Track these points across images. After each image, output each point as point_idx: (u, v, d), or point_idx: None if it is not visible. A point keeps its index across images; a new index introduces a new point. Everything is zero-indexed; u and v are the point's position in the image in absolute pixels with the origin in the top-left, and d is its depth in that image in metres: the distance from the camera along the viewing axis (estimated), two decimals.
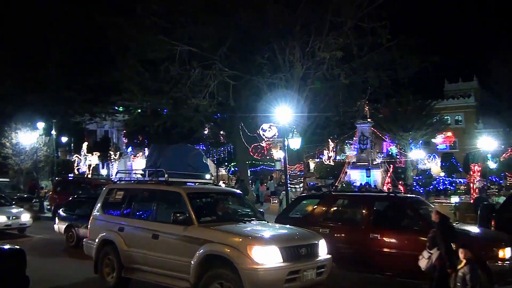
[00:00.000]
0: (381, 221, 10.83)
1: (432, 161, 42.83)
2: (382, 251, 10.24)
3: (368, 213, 10.95)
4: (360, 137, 35.35)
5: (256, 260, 7.70)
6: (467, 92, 65.67)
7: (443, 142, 59.91)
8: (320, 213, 11.60)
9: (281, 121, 21.07)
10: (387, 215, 11.23)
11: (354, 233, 10.82)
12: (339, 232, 10.95)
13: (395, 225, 10.71)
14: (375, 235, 10.37)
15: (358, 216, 11.53)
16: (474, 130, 61.32)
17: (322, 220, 11.29)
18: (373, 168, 34.22)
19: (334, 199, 12.33)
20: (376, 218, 10.83)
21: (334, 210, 11.84)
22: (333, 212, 11.77)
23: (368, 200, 11.61)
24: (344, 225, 11.35)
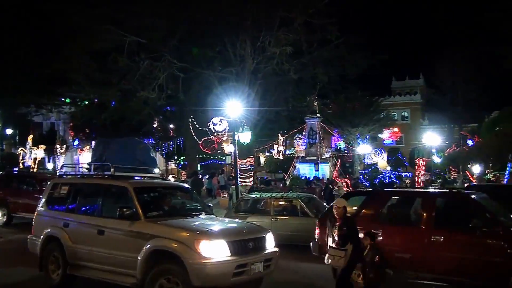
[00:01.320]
0: (444, 221, 9.61)
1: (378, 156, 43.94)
2: (447, 254, 9.12)
3: (428, 212, 9.79)
4: (309, 132, 35.84)
5: (204, 255, 7.68)
6: (414, 90, 67.80)
7: (389, 137, 61.63)
8: (370, 211, 10.54)
9: (231, 115, 21.07)
10: (450, 214, 10.05)
11: (412, 235, 9.75)
12: (394, 234, 9.94)
13: (460, 225, 9.53)
14: (438, 236, 9.30)
15: (416, 215, 10.44)
16: (419, 126, 63.40)
17: (373, 220, 10.25)
18: (321, 163, 34.78)
19: (387, 196, 11.22)
20: (438, 218, 9.65)
21: (387, 209, 10.75)
22: (385, 211, 10.69)
23: (429, 197, 10.40)
24: (399, 225, 10.32)
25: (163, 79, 27.64)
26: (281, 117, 38.76)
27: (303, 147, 37.06)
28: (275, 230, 9.96)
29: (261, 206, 15.46)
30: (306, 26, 27.92)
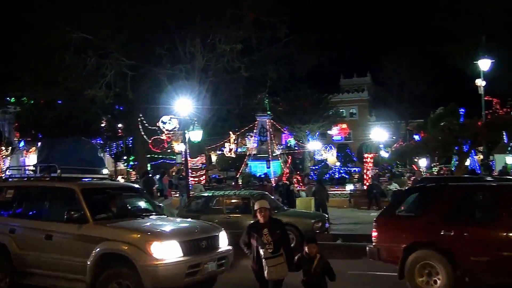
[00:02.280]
0: None
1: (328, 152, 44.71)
2: None
3: None
4: (260, 130, 36.00)
5: (155, 256, 7.56)
6: (361, 87, 69.20)
7: (338, 134, 62.64)
8: (439, 209, 9.21)
9: (181, 114, 20.83)
10: None
11: (497, 234, 8.52)
12: (472, 234, 8.62)
13: None
14: None
15: (499, 212, 8.88)
16: (367, 122, 64.71)
17: (444, 218, 8.98)
18: (272, 160, 34.98)
19: (458, 191, 9.68)
20: None
21: (459, 205, 9.40)
22: (458, 208, 9.33)
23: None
24: (478, 224, 8.93)
25: (111, 77, 26.97)
26: (232, 115, 38.74)
27: (255, 144, 37.17)
28: (228, 229, 9.89)
29: (214, 205, 15.35)
30: (256, 24, 27.96)
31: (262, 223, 7.05)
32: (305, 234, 13.72)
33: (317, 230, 14.05)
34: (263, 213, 7.09)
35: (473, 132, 21.95)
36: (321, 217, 14.96)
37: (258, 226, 7.07)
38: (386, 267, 11.25)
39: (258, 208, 7.12)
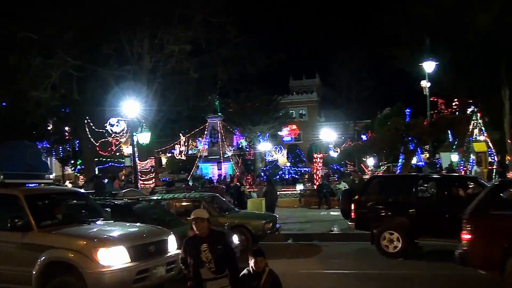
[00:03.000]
0: None
1: (279, 153, 45.03)
2: None
3: None
4: (211, 131, 35.83)
5: (102, 263, 7.39)
6: (310, 88, 70.02)
7: (288, 135, 63.23)
8: None
9: (129, 115, 20.48)
10: None
11: None
12: None
13: None
14: None
15: None
16: (316, 123, 65.58)
17: None
18: (224, 161, 34.89)
19: None
20: None
21: None
22: None
23: None
24: None
25: (57, 77, 26.20)
26: (182, 117, 38.30)
27: (205, 146, 36.97)
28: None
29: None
30: (205, 24, 27.82)
31: (201, 237, 5.81)
32: (257, 235, 13.78)
33: (268, 231, 14.11)
34: (199, 224, 5.80)
35: (418, 132, 22.64)
36: (272, 218, 15.01)
37: (196, 241, 5.84)
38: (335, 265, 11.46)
39: (193, 219, 5.83)
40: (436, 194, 12.63)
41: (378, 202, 12.96)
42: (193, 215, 5.88)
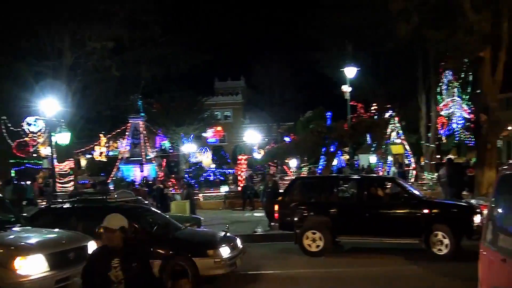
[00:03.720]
0: None
1: (203, 154, 44.70)
2: None
3: None
4: (133, 132, 34.91)
5: (20, 273, 6.98)
6: (235, 90, 70.35)
7: (213, 136, 63.02)
8: None
9: (48, 114, 19.56)
10: None
11: None
12: None
13: None
14: None
15: None
16: (241, 125, 65.98)
17: None
18: (146, 163, 34.16)
19: None
20: None
21: None
22: None
23: None
24: None
25: None
26: (103, 117, 37.08)
27: (127, 147, 36.00)
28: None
29: None
30: (129, 22, 27.14)
31: (112, 249, 4.58)
32: None
33: None
34: (109, 236, 4.57)
35: (339, 134, 23.33)
36: (196, 220, 14.82)
37: (106, 253, 4.61)
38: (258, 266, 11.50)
39: (103, 228, 4.58)
40: (356, 194, 13.04)
41: (301, 203, 13.17)
42: (104, 223, 4.59)
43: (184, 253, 9.45)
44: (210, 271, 9.31)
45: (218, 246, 9.54)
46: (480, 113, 16.07)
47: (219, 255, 9.35)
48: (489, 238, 5.65)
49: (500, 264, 5.09)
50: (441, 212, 11.83)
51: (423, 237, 11.48)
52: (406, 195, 12.27)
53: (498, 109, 17.78)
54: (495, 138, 16.56)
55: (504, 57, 15.76)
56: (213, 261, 9.27)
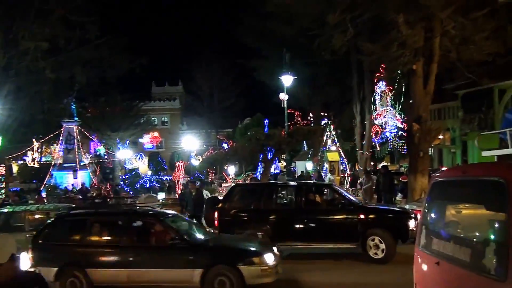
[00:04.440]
0: None
1: (139, 160, 43.87)
2: None
3: None
4: (67, 137, 33.79)
5: None
6: (173, 96, 69.61)
7: (150, 142, 62.17)
8: None
9: None
10: None
11: None
12: None
13: None
14: None
15: None
16: (179, 131, 65.32)
17: None
18: (80, 169, 33.12)
19: None
20: None
21: None
22: None
23: None
24: None
25: None
26: (36, 121, 35.65)
27: (61, 153, 34.78)
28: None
29: (15, 222, 13.77)
30: (65, 22, 26.31)
31: None
32: None
33: None
34: None
35: (277, 141, 23.57)
36: None
37: None
38: None
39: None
40: (294, 201, 13.20)
41: (240, 210, 13.19)
42: None
43: (228, 261, 9.10)
44: (257, 279, 8.95)
45: (263, 253, 9.21)
46: (412, 123, 16.68)
47: (265, 262, 8.98)
48: (423, 242, 5.86)
49: (434, 267, 5.30)
50: (377, 218, 12.18)
51: (360, 242, 11.76)
52: (342, 201, 12.55)
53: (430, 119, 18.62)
54: (426, 147, 17.25)
55: (435, 70, 16.50)
56: (260, 269, 8.90)
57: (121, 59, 30.39)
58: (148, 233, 9.82)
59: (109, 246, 9.85)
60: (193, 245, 9.46)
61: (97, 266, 9.47)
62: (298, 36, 29.02)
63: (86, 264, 9.52)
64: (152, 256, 9.42)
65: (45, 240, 10.08)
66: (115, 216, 10.87)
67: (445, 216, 5.66)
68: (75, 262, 9.62)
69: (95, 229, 9.94)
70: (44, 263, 9.52)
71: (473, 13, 15.20)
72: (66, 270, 9.53)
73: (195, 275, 8.94)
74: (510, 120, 7.95)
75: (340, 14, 16.27)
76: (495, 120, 22.98)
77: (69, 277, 9.46)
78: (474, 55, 16.04)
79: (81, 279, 9.41)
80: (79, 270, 9.47)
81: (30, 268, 8.01)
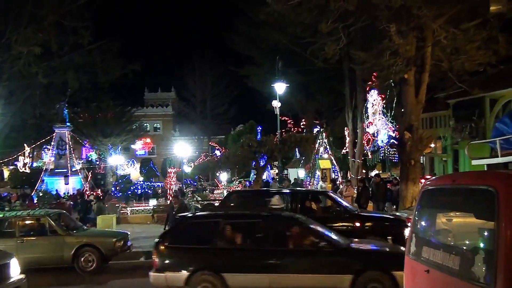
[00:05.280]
0: None
1: (131, 167, 43.75)
2: None
3: None
4: (58, 142, 33.61)
5: None
6: (166, 102, 69.58)
7: (142, 148, 61.94)
8: None
9: None
10: None
11: None
12: None
13: None
14: None
15: None
16: (171, 137, 65.21)
17: None
18: (72, 175, 32.95)
19: None
20: None
21: None
22: None
23: None
24: None
25: None
26: (27, 125, 35.43)
27: (52, 158, 34.58)
28: (22, 254, 8.93)
29: (5, 228, 13.67)
30: (58, 27, 26.25)
31: None
32: (107, 254, 13.13)
33: (119, 249, 13.50)
34: None
35: (269, 148, 23.58)
36: (123, 235, 14.36)
37: None
38: None
39: None
40: (290, 207, 13.15)
41: None
42: None
43: (380, 266, 8.60)
44: None
45: None
46: (404, 131, 16.77)
47: None
48: (413, 250, 5.88)
49: (424, 275, 5.32)
50: (373, 225, 12.20)
51: None
52: (338, 209, 12.53)
53: (421, 128, 18.73)
54: (418, 155, 17.34)
55: (427, 79, 16.63)
56: None
57: (113, 64, 30.32)
58: (290, 236, 9.28)
59: (249, 250, 9.32)
60: (340, 249, 8.98)
61: (235, 270, 8.92)
62: (291, 44, 29.14)
63: (223, 269, 9.01)
64: (297, 260, 8.92)
65: (172, 243, 9.52)
66: (252, 219, 10.07)
67: (435, 224, 5.69)
68: (209, 267, 9.12)
69: (228, 232, 9.46)
70: (172, 268, 9.19)
71: (465, 23, 15.35)
72: (199, 275, 9.05)
73: (344, 281, 8.50)
74: (500, 130, 7.98)
75: (332, 23, 16.35)
76: (486, 129, 23.15)
77: (202, 282, 8.99)
78: (466, 65, 16.15)
79: (215, 284, 8.94)
80: (214, 275, 8.98)
81: None
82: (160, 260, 9.27)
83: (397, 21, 15.14)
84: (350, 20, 16.79)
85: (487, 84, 21.09)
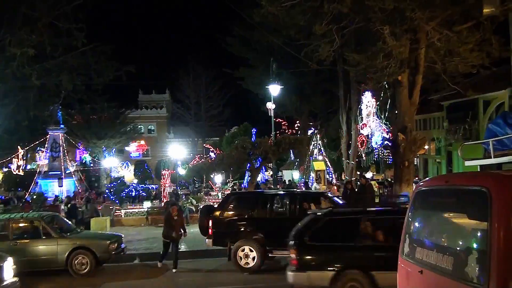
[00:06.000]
0: None
1: (125, 169, 43.65)
2: None
3: None
4: (52, 144, 33.53)
5: None
6: (160, 104, 69.53)
7: (136, 150, 61.88)
8: None
9: None
10: None
11: None
12: None
13: None
14: None
15: None
16: (165, 139, 65.14)
17: None
18: (66, 177, 32.84)
19: None
20: None
21: None
22: None
23: None
24: None
25: None
26: (21, 127, 35.25)
27: (46, 161, 34.45)
28: (16, 257, 8.88)
29: None
30: (52, 28, 26.13)
31: None
32: (101, 256, 13.10)
33: (113, 252, 13.48)
34: None
35: (264, 150, 23.60)
36: (117, 238, 14.33)
37: None
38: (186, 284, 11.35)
39: None
40: (289, 209, 13.18)
41: (234, 218, 13.20)
42: None
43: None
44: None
45: None
46: (398, 133, 16.82)
47: None
48: (406, 250, 5.91)
49: (418, 275, 5.34)
50: None
51: None
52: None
53: (415, 129, 18.78)
54: (411, 157, 17.38)
55: (421, 81, 16.69)
56: None
57: (108, 66, 30.15)
58: None
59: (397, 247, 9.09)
60: None
61: (385, 268, 8.28)
62: (285, 46, 29.19)
63: (373, 267, 8.78)
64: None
65: (313, 241, 9.34)
66: (394, 215, 9.40)
67: (428, 225, 5.71)
68: (357, 265, 8.94)
69: (370, 228, 9.23)
70: (315, 267, 9.09)
71: (458, 25, 15.43)
72: (346, 274, 8.91)
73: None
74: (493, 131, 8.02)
75: (326, 25, 16.39)
76: (480, 131, 23.24)
77: (350, 282, 8.83)
78: (459, 67, 16.22)
79: (363, 283, 8.77)
80: (362, 273, 8.80)
81: None
82: (300, 258, 9.15)
83: (390, 23, 15.18)
84: (344, 22, 16.85)
85: (481, 86, 21.16)
